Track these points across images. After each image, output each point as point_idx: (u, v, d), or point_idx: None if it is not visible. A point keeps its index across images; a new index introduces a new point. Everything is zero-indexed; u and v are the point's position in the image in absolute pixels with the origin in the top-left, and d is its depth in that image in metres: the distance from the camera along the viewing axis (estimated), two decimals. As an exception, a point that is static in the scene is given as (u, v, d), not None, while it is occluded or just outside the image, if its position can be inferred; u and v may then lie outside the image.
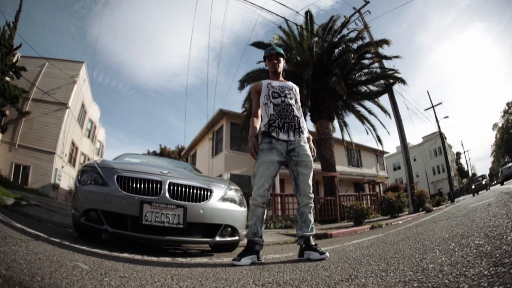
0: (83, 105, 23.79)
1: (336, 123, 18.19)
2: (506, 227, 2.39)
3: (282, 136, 2.99)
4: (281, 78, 3.38)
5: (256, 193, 2.94)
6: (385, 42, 14.66)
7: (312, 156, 3.13)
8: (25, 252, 2.00)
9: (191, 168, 5.61)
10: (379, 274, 1.69)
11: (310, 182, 3.03)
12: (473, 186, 26.56)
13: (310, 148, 3.16)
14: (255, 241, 2.87)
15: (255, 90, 3.33)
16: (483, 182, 26.70)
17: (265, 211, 3.05)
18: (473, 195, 23.28)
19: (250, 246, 2.84)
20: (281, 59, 3.35)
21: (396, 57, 14.98)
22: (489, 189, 24.19)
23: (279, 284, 1.70)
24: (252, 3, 11.52)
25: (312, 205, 3.02)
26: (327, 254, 2.75)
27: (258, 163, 3.01)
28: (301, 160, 2.99)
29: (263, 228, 3.00)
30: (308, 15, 16.49)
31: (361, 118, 17.12)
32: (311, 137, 3.27)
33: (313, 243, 2.91)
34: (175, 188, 3.18)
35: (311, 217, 3.01)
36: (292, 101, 3.13)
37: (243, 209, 3.69)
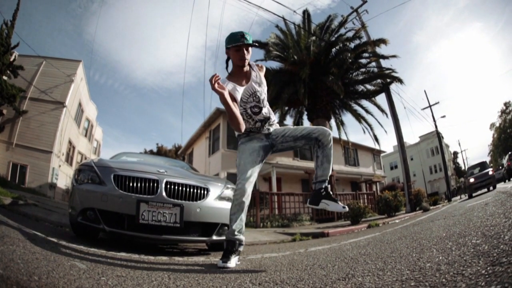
0: (80, 104, 23.70)
1: (333, 122, 18.21)
2: (504, 227, 2.40)
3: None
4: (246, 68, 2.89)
5: (241, 181, 2.63)
6: (382, 41, 14.69)
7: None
8: (23, 251, 1.99)
9: (188, 167, 5.60)
10: (376, 273, 1.70)
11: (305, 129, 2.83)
12: (471, 180, 16.07)
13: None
14: (240, 240, 2.60)
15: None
16: (489, 173, 15.39)
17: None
18: (470, 197, 14.67)
19: (234, 246, 2.56)
20: (250, 49, 2.79)
21: (394, 56, 15.04)
22: (494, 187, 14.88)
23: (276, 283, 1.70)
24: (249, 2, 11.51)
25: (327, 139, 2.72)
26: (347, 208, 2.63)
27: (240, 154, 2.80)
28: (282, 131, 2.86)
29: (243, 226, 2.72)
30: (306, 14, 16.50)
31: (358, 117, 17.15)
32: (263, 66, 3.05)
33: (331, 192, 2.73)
34: (172, 187, 3.18)
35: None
36: (265, 102, 2.90)
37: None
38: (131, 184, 3.08)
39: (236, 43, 2.65)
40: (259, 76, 2.89)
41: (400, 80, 14.94)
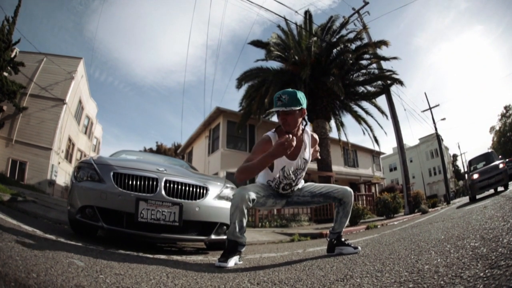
0: (80, 101, 23.67)
1: (333, 123, 18.28)
2: (502, 230, 2.40)
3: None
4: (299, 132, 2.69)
5: (242, 189, 2.54)
6: (383, 43, 14.69)
7: (317, 157, 3.03)
8: (21, 248, 1.99)
9: (187, 165, 5.60)
10: (375, 275, 1.70)
11: (324, 187, 2.86)
12: (474, 176, 11.25)
13: (315, 150, 2.99)
14: (239, 241, 2.54)
15: (262, 145, 2.65)
16: (500, 167, 10.90)
17: None
18: (472, 199, 11.38)
19: (232, 246, 2.53)
20: (297, 112, 2.53)
21: (394, 58, 15.04)
22: (506, 187, 10.99)
23: (274, 283, 1.70)
24: (251, 2, 11.51)
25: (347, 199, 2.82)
26: (359, 248, 2.81)
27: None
28: (303, 187, 2.88)
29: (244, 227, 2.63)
30: (307, 14, 16.52)
31: (358, 118, 17.18)
32: (317, 139, 2.96)
33: (343, 239, 2.90)
34: (171, 185, 3.19)
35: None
36: (303, 174, 2.83)
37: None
38: (130, 182, 3.08)
39: (275, 108, 2.51)
40: (309, 151, 2.80)
41: (400, 82, 14.95)
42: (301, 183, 2.94)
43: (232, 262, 2.45)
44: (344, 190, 2.76)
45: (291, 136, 2.29)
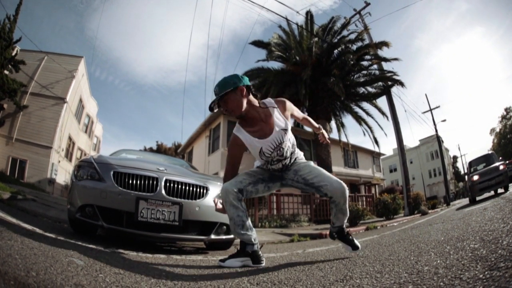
0: (81, 100, 23.69)
1: (333, 123, 18.24)
2: (502, 232, 2.40)
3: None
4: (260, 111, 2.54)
5: (225, 183, 2.53)
6: (384, 44, 14.70)
7: (327, 140, 3.08)
8: (21, 247, 1.99)
9: (188, 165, 5.60)
10: (374, 275, 1.70)
11: (325, 172, 2.58)
12: (474, 177, 11.19)
13: (322, 133, 3.04)
14: (246, 238, 2.48)
15: (233, 147, 2.64)
16: (500, 169, 10.87)
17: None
18: (472, 201, 11.35)
19: (243, 247, 2.46)
20: (231, 93, 2.42)
21: (395, 59, 15.05)
22: (506, 188, 10.84)
23: (274, 283, 1.70)
24: (253, 2, 11.52)
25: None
26: (360, 247, 2.63)
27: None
28: (297, 166, 2.67)
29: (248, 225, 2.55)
30: (309, 15, 16.53)
31: (359, 119, 17.17)
32: (285, 101, 2.66)
33: (346, 233, 2.66)
34: (171, 185, 3.18)
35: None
36: (289, 151, 2.63)
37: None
38: (130, 182, 3.08)
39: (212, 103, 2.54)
40: (282, 119, 2.55)
41: (401, 83, 14.95)
42: (299, 155, 2.78)
43: (234, 263, 2.37)
44: (333, 187, 2.42)
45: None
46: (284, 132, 2.51)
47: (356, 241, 2.65)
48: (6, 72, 16.38)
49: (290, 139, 2.60)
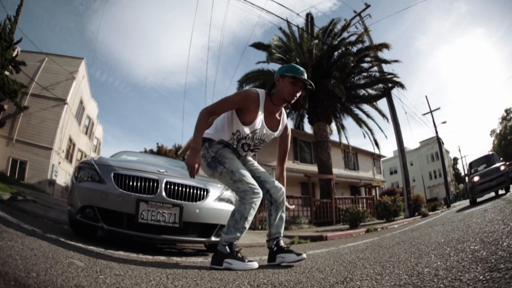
0: (81, 102, 23.71)
1: (333, 125, 18.26)
2: (502, 233, 2.40)
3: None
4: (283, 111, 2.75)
5: (251, 185, 2.39)
6: (385, 46, 14.72)
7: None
8: (21, 248, 1.99)
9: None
10: (374, 278, 1.70)
11: (263, 173, 2.75)
12: (475, 178, 11.00)
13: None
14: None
15: (245, 100, 2.50)
16: (501, 169, 10.58)
17: None
18: (473, 203, 11.06)
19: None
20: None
21: (396, 61, 15.09)
22: (507, 189, 10.64)
23: (274, 285, 1.70)
24: (253, 4, 11.54)
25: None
26: (304, 255, 2.53)
27: (222, 158, 2.50)
28: (248, 161, 2.80)
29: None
30: (309, 17, 16.58)
31: (359, 121, 17.18)
32: (288, 127, 2.85)
33: (283, 245, 2.62)
34: (172, 187, 3.19)
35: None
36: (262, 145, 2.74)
37: (239, 210, 3.69)
38: (131, 183, 3.08)
39: (296, 75, 2.44)
40: (281, 129, 2.75)
41: (401, 85, 14.96)
42: (249, 154, 2.82)
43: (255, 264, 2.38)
44: (276, 185, 2.62)
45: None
46: (270, 136, 2.71)
47: (297, 251, 2.57)
48: (6, 73, 16.40)
49: (268, 139, 2.74)
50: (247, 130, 2.53)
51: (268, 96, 2.57)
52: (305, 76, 2.48)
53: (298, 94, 2.51)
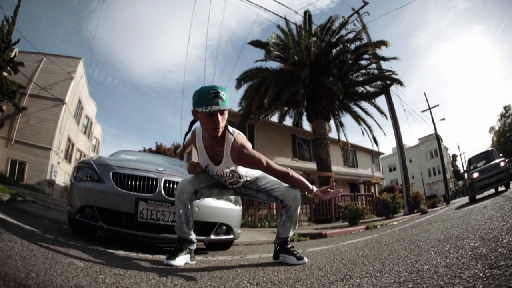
0: (79, 101, 23.67)
1: (332, 123, 18.30)
2: (502, 230, 2.40)
3: None
4: (227, 136, 2.38)
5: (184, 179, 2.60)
6: (383, 43, 14.70)
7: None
8: (20, 248, 1.99)
9: (187, 166, 5.59)
10: (374, 275, 1.70)
11: (269, 183, 2.65)
12: (474, 175, 10.71)
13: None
14: (185, 238, 2.49)
15: (192, 140, 2.67)
16: (501, 165, 10.38)
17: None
18: (472, 200, 10.93)
19: (180, 244, 2.49)
20: (226, 112, 2.26)
21: (394, 58, 15.06)
22: (507, 186, 10.39)
23: (274, 283, 1.70)
24: (251, 2, 11.51)
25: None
26: (305, 259, 2.50)
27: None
28: (255, 179, 2.71)
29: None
30: (307, 15, 16.55)
31: (358, 118, 17.21)
32: (241, 147, 2.39)
33: (289, 246, 2.61)
34: (171, 185, 3.18)
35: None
36: (233, 176, 2.56)
37: (238, 208, 3.69)
38: (129, 182, 3.08)
39: (206, 108, 2.09)
40: (235, 158, 2.40)
41: (400, 82, 14.96)
42: (248, 178, 2.67)
43: (181, 260, 2.36)
44: (286, 190, 2.51)
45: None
46: (233, 172, 2.51)
47: (300, 254, 2.55)
48: (4, 74, 16.36)
49: (235, 174, 2.54)
50: (205, 168, 2.60)
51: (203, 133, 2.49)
52: (222, 96, 2.13)
53: (220, 124, 2.20)
